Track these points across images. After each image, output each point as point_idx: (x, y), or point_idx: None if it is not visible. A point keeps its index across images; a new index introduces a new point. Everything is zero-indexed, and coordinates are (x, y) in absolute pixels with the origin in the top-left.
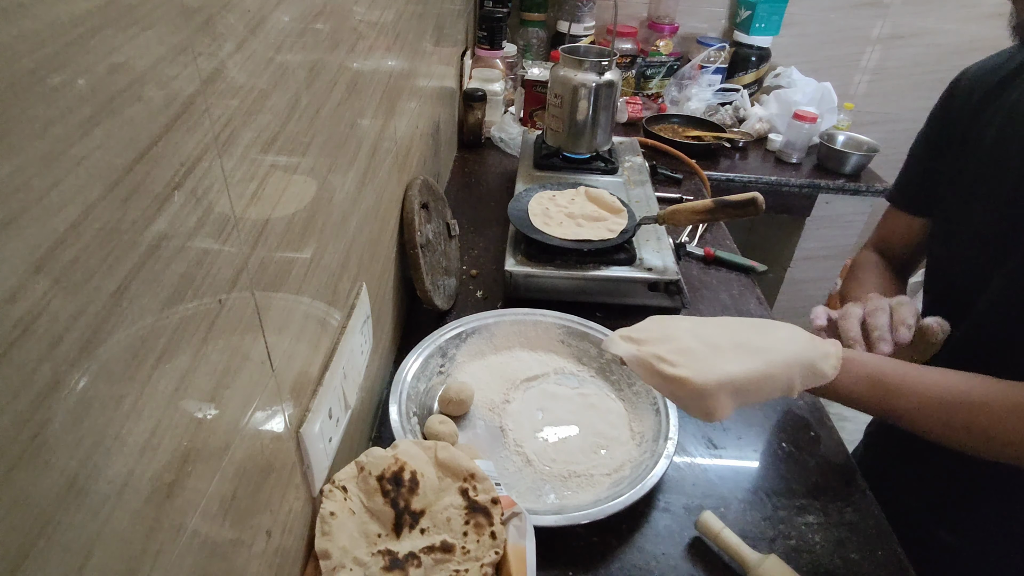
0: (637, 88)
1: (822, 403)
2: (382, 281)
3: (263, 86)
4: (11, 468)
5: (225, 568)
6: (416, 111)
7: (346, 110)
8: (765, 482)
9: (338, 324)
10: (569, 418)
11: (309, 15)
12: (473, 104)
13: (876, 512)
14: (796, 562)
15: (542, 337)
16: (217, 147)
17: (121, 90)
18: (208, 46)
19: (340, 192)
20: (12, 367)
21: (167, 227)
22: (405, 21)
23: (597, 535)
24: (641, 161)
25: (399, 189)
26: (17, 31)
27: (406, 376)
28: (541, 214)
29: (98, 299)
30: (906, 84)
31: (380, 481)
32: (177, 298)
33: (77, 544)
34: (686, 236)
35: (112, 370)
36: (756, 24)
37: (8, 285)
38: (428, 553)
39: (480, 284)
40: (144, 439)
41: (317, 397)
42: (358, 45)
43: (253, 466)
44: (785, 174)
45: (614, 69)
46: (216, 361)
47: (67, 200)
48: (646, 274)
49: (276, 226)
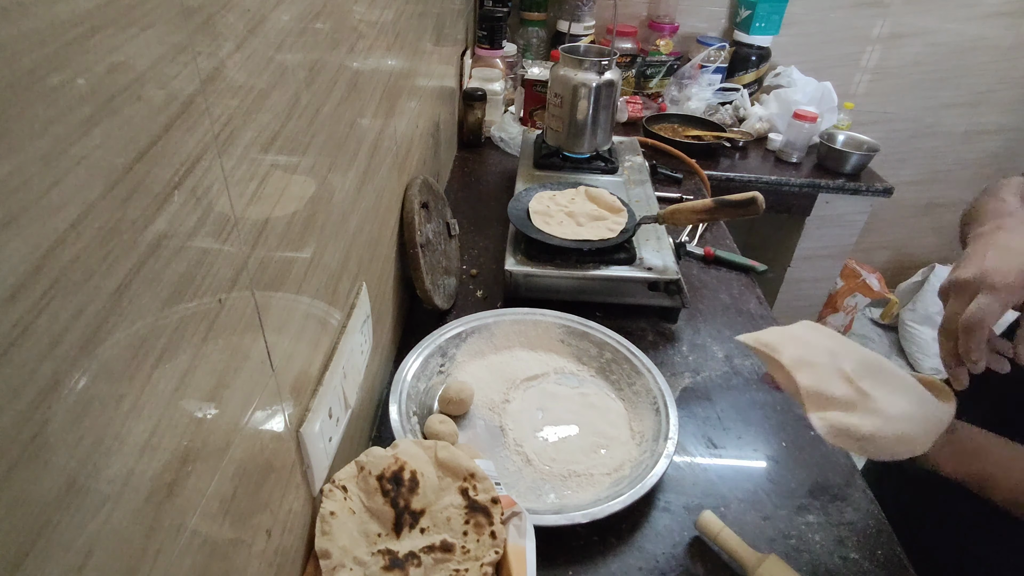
0: (637, 88)
1: None
2: (382, 281)
3: (263, 85)
4: (11, 468)
5: (225, 568)
6: (416, 111)
7: (346, 110)
8: (765, 482)
9: (338, 324)
10: (569, 418)
11: (309, 14)
12: (473, 104)
13: (876, 512)
14: (796, 562)
15: (542, 337)
16: (217, 147)
17: (121, 89)
18: (208, 45)
19: (340, 192)
20: (12, 367)
21: (167, 227)
22: (405, 20)
23: (597, 534)
24: (641, 161)
25: (399, 188)
26: (17, 30)
27: (406, 376)
28: (541, 214)
29: (98, 299)
30: (906, 84)
31: (380, 481)
32: (177, 298)
33: (77, 544)
34: (686, 236)
35: (112, 370)
36: (756, 23)
37: (8, 285)
38: (428, 553)
39: (480, 284)
40: (144, 439)
41: (317, 397)
42: (358, 44)
43: (253, 466)
44: (785, 174)
45: (614, 69)
46: (216, 361)
47: (67, 200)
48: (646, 274)
49: (276, 226)
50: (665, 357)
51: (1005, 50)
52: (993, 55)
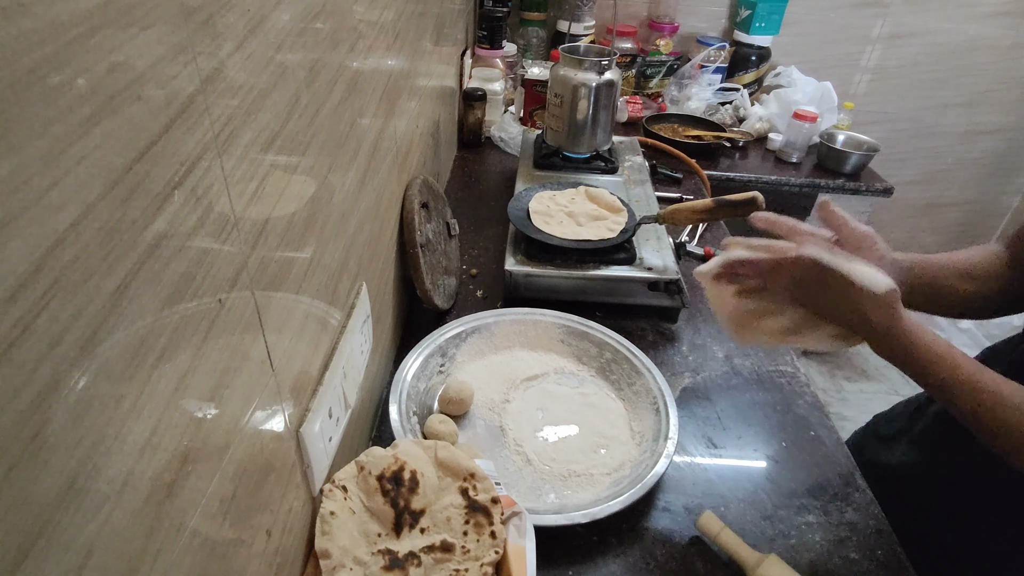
0: (637, 87)
1: (822, 403)
2: (382, 281)
3: (263, 85)
4: (11, 468)
5: (225, 568)
6: (416, 110)
7: (346, 109)
8: (765, 482)
9: (338, 324)
10: (569, 417)
11: (309, 14)
12: (473, 103)
13: (876, 512)
14: (796, 562)
15: (542, 336)
16: (217, 146)
17: (121, 89)
18: (208, 45)
19: (340, 191)
20: (12, 367)
21: (167, 227)
22: (405, 20)
23: (597, 534)
24: (641, 160)
25: (399, 188)
26: (17, 30)
27: (406, 376)
28: (541, 214)
29: (98, 299)
30: (906, 84)
31: (380, 480)
32: (177, 298)
33: (77, 544)
34: (686, 235)
35: (112, 370)
36: (756, 23)
37: (8, 285)
38: (428, 552)
39: (480, 284)
40: (144, 439)
41: (317, 397)
42: (358, 44)
43: (253, 466)
44: (785, 173)
45: (614, 68)
46: (216, 361)
47: (67, 199)
48: (646, 273)
49: (276, 226)
50: (665, 357)
51: (1005, 50)
52: (993, 55)
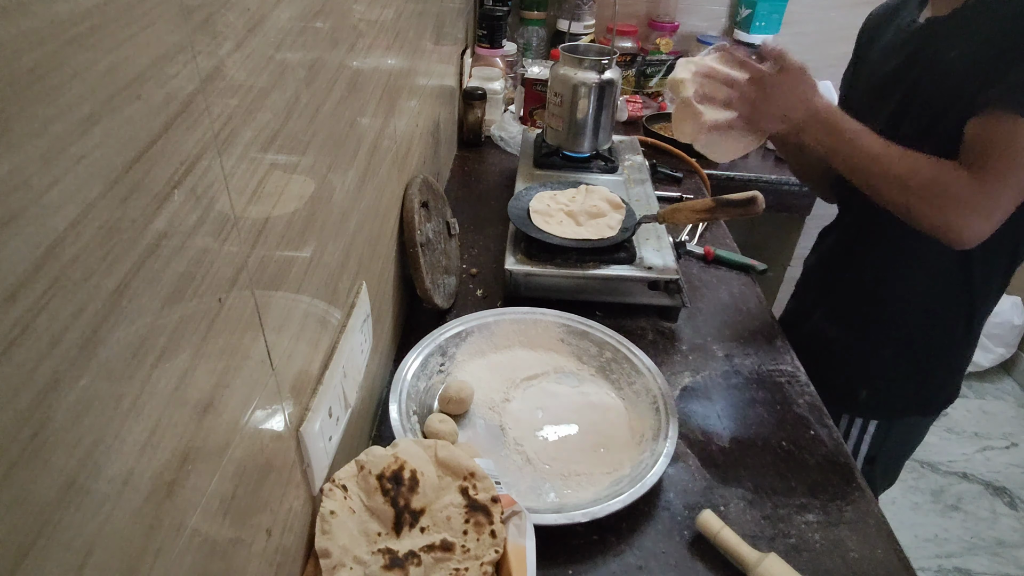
0: (637, 86)
1: (821, 403)
2: (382, 280)
3: (263, 84)
4: (11, 467)
5: (225, 567)
6: (416, 110)
7: (346, 109)
8: (765, 481)
9: (338, 323)
10: (569, 417)
11: (309, 13)
12: (473, 103)
13: (876, 511)
14: (796, 561)
15: (542, 336)
16: (217, 146)
17: (120, 88)
18: (207, 44)
19: (340, 191)
20: (12, 366)
21: (167, 226)
22: (405, 19)
23: (597, 534)
24: (641, 160)
25: (399, 188)
26: (17, 30)
27: (406, 375)
28: (541, 213)
29: (98, 298)
30: None
31: (380, 480)
32: (177, 297)
33: (77, 543)
34: (686, 235)
35: (112, 369)
36: (756, 22)
37: (8, 284)
38: (428, 552)
39: (480, 283)
40: (144, 438)
41: (317, 396)
42: (358, 43)
43: (253, 465)
44: (785, 173)
45: (614, 67)
46: (216, 360)
47: (66, 199)
48: (646, 273)
49: (276, 225)
50: (665, 356)
51: None
52: None
